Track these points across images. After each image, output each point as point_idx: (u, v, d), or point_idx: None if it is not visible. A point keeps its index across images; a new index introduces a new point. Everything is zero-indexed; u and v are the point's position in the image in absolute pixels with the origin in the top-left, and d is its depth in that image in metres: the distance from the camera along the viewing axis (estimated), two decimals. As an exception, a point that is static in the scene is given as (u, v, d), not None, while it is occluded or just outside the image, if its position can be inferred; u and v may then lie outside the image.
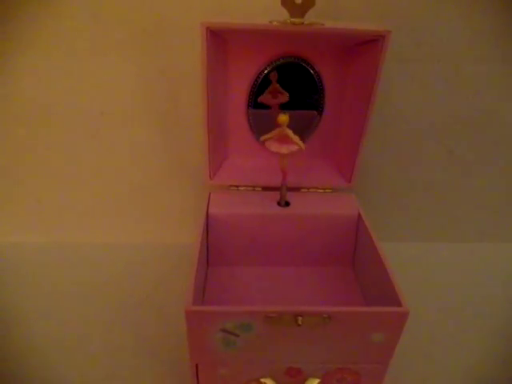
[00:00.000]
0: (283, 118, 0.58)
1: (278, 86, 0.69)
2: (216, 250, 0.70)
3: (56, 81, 0.72)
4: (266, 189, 0.73)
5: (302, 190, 0.74)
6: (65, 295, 0.74)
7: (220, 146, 0.74)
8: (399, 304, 0.48)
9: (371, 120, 0.65)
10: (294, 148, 0.61)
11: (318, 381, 0.53)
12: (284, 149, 0.61)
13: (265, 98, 0.70)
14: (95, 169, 0.81)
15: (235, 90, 0.70)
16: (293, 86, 0.68)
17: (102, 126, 0.76)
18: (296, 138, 0.60)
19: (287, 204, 0.70)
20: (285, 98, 0.69)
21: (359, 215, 0.69)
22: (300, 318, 0.46)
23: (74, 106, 0.74)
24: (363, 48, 0.63)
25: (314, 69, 0.68)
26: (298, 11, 0.56)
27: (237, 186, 0.73)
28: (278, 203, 0.70)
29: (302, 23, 0.56)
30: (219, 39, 0.62)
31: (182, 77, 0.72)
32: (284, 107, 0.69)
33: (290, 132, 0.60)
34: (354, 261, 0.73)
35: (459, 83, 0.74)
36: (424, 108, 0.76)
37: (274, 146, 0.62)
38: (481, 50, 0.71)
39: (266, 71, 0.67)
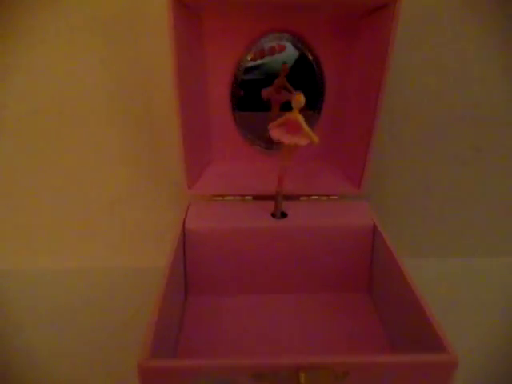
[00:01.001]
0: (299, 98, 0.45)
1: (285, 80, 0.57)
2: (196, 276, 0.56)
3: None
4: (257, 198, 0.60)
5: (302, 198, 0.61)
6: (36, 322, 0.62)
7: (201, 149, 0.61)
8: (442, 348, 0.34)
9: (382, 113, 0.53)
10: (303, 141, 0.47)
11: None
12: (291, 138, 0.47)
13: (268, 91, 0.58)
14: (59, 186, 0.68)
15: (217, 79, 0.58)
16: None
17: (61, 130, 0.64)
18: (308, 129, 0.47)
19: (284, 215, 0.57)
20: (288, 97, 0.57)
21: (375, 226, 0.55)
22: (303, 375, 0.32)
23: (27, 107, 0.62)
24: (369, 20, 0.51)
25: (310, 50, 0.56)
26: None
27: (222, 196, 0.60)
28: (273, 215, 0.57)
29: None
30: (191, 14, 0.50)
31: (155, 70, 0.60)
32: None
33: (301, 119, 0.47)
34: (370, 285, 0.58)
35: (488, 65, 0.61)
36: (444, 96, 0.63)
37: (279, 135, 0.48)
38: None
39: (249, 57, 0.55)
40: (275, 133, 0.49)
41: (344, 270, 0.58)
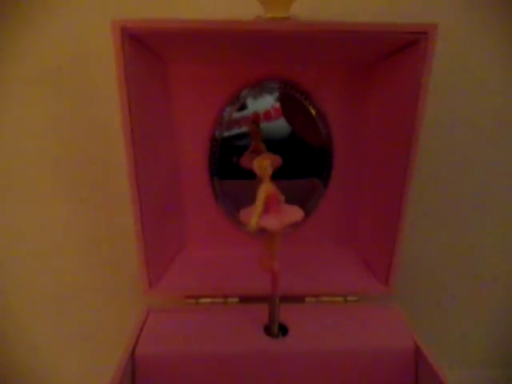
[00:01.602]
0: (263, 162, 0.31)
1: (261, 144, 0.44)
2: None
3: None
4: (245, 300, 0.43)
5: (308, 299, 0.43)
6: None
7: (168, 231, 0.45)
8: None
9: (412, 179, 0.38)
10: (287, 220, 0.32)
11: None
12: (270, 222, 0.32)
13: (244, 159, 0.45)
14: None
15: (190, 138, 0.44)
16: (278, 134, 0.43)
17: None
18: (259, 207, 0.32)
19: (283, 331, 0.39)
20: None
21: (417, 347, 0.37)
22: None
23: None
24: (390, 62, 0.39)
25: (311, 103, 0.43)
26: (279, 4, 0.33)
27: (196, 298, 0.43)
28: (267, 330, 0.39)
29: (288, 18, 0.33)
30: (152, 57, 0.37)
31: (114, 129, 0.47)
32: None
33: (261, 190, 0.32)
34: None
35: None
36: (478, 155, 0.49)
37: (246, 216, 0.33)
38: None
39: (228, 108, 0.42)
40: (243, 215, 0.34)
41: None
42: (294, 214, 0.34)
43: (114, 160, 0.48)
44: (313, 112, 0.42)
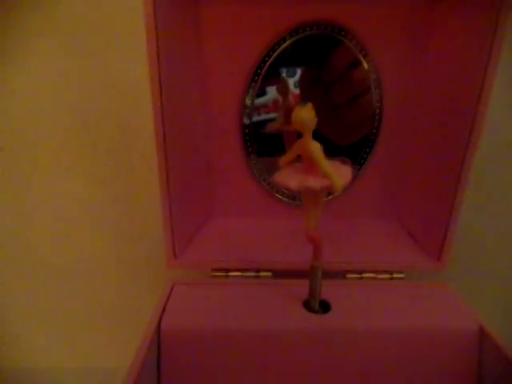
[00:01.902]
0: (298, 113, 0.26)
1: (292, 104, 0.39)
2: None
3: None
4: (280, 275, 0.39)
5: (350, 276, 0.39)
6: None
7: (195, 199, 0.41)
8: None
9: (476, 148, 0.33)
10: (319, 183, 0.27)
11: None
12: (303, 181, 0.27)
13: (276, 123, 0.40)
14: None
15: (223, 100, 0.40)
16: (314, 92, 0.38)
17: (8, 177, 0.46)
18: (325, 165, 0.27)
19: (325, 307, 0.34)
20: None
21: (482, 331, 0.32)
22: None
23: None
24: (451, 4, 0.34)
25: (362, 50, 0.38)
26: None
27: (225, 271, 0.39)
28: (307, 305, 0.34)
29: None
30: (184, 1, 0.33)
31: (136, 89, 0.43)
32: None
33: (314, 148, 0.27)
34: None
35: None
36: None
37: (283, 177, 0.28)
38: None
39: (267, 61, 0.37)
40: (278, 176, 0.29)
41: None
42: (343, 174, 0.29)
43: (136, 121, 0.44)
44: (365, 65, 0.37)
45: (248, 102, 0.39)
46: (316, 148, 0.27)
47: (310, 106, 0.26)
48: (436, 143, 0.38)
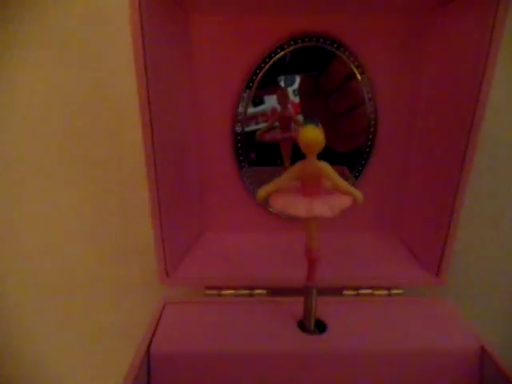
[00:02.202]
0: (305, 133, 0.25)
1: (291, 113, 0.38)
2: None
3: None
4: (275, 292, 0.38)
5: (347, 292, 0.38)
6: None
7: (188, 214, 0.40)
8: None
9: (472, 161, 0.33)
10: (342, 204, 0.26)
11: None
12: (320, 208, 0.26)
13: (268, 133, 0.40)
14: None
15: (212, 110, 0.39)
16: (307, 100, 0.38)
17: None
18: (342, 182, 0.26)
19: (321, 327, 0.33)
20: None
21: (483, 351, 0.31)
22: None
23: None
24: (452, 9, 0.33)
25: (355, 61, 0.37)
26: None
27: (218, 289, 0.38)
28: (301, 325, 0.33)
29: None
30: (172, 5, 0.33)
31: (127, 100, 0.42)
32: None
33: (327, 167, 0.26)
34: None
35: None
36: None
37: (284, 202, 0.27)
38: None
39: (258, 72, 0.37)
40: (277, 203, 0.28)
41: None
42: (343, 197, 0.28)
43: (126, 134, 0.43)
44: (358, 75, 0.37)
45: (241, 109, 0.38)
46: (328, 168, 0.26)
47: (320, 127, 0.25)
48: (433, 156, 0.37)
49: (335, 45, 0.35)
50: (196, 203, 0.42)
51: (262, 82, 0.37)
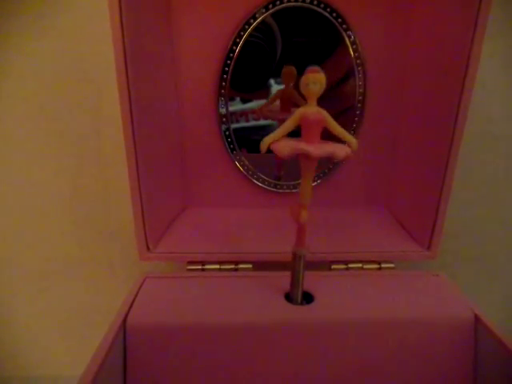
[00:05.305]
0: (312, 74, 0.25)
1: (295, 92, 0.37)
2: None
3: None
4: (260, 266, 0.36)
5: (335, 266, 0.36)
6: None
7: (169, 186, 0.39)
8: None
9: (463, 132, 0.31)
10: (334, 149, 0.25)
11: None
12: (308, 147, 0.25)
13: (268, 109, 0.38)
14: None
15: (194, 80, 0.37)
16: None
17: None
18: (339, 126, 0.26)
19: (308, 299, 0.32)
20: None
21: (477, 319, 0.30)
22: None
23: None
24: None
25: (342, 22, 0.36)
26: None
27: (201, 263, 0.36)
28: (288, 297, 0.32)
29: None
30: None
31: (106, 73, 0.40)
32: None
33: (327, 114, 0.26)
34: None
35: None
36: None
37: (265, 140, 0.26)
38: None
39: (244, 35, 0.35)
40: (281, 147, 0.26)
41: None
42: (340, 147, 0.27)
43: (106, 108, 0.41)
44: (347, 40, 0.35)
45: (225, 76, 0.37)
46: (327, 113, 0.26)
47: (322, 72, 0.25)
48: (423, 129, 0.36)
49: (322, 5, 0.34)
50: (178, 177, 0.40)
51: (252, 85, 0.36)
